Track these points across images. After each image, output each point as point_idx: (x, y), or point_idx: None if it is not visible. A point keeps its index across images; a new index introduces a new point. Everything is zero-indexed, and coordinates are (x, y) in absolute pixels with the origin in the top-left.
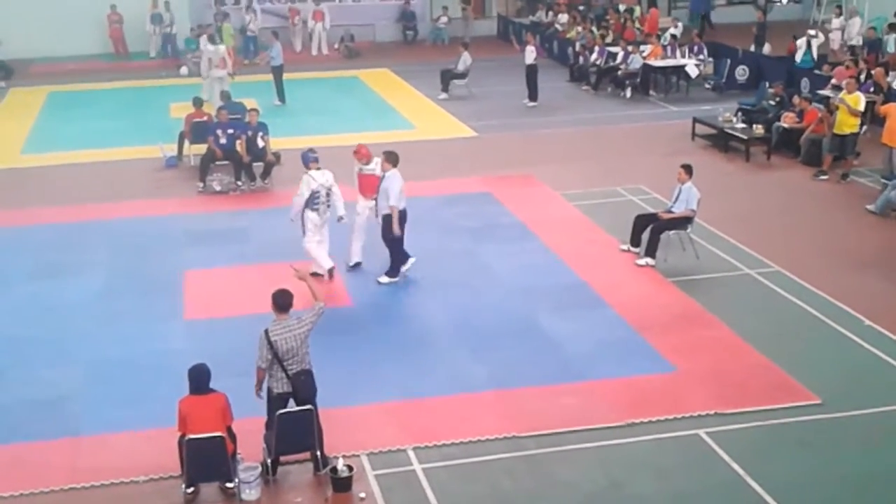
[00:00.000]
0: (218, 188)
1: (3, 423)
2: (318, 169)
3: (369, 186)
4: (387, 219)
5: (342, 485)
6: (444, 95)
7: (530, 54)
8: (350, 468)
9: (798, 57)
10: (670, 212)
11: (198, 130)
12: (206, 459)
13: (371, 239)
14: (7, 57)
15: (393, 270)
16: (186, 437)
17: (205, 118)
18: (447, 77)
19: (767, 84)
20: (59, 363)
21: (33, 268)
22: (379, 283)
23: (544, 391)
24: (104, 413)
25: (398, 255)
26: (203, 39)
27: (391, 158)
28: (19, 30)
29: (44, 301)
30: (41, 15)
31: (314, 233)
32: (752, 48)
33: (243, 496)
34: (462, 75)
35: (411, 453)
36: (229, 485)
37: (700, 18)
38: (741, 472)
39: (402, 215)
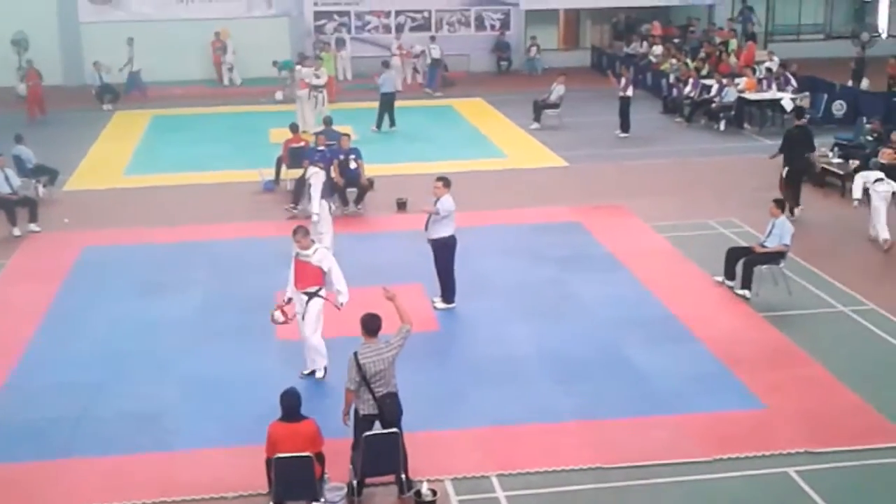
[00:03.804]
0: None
1: (102, 435)
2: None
3: (306, 276)
4: (436, 243)
5: None
6: (536, 125)
7: (625, 85)
8: (434, 492)
9: None
10: (763, 246)
11: (295, 155)
12: (294, 478)
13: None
14: (113, 81)
15: (448, 295)
16: (275, 456)
17: (302, 143)
18: (539, 107)
19: (865, 119)
20: (156, 379)
21: (134, 285)
22: (435, 308)
23: (631, 423)
24: (197, 429)
25: (450, 280)
26: (298, 66)
27: (446, 184)
28: (126, 54)
29: (144, 318)
30: (146, 41)
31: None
32: (850, 83)
33: None
34: (554, 105)
35: (495, 480)
36: None
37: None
38: None
39: (452, 242)
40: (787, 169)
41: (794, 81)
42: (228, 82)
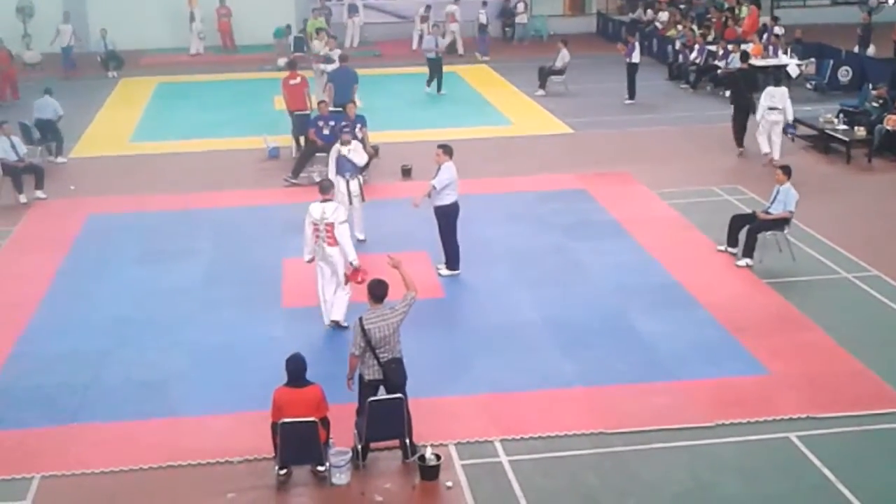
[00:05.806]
0: (318, 179)
1: (109, 401)
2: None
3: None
4: (438, 211)
5: (430, 473)
6: (541, 92)
7: (634, 52)
8: (438, 457)
9: None
10: (768, 212)
11: (300, 123)
12: (299, 442)
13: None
14: (119, 48)
15: (452, 262)
16: (281, 421)
17: (298, 80)
18: (545, 73)
19: (871, 86)
20: (163, 346)
21: (140, 253)
22: (439, 275)
23: (633, 389)
24: (203, 395)
25: (453, 248)
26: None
27: (448, 151)
28: (131, 21)
29: (150, 285)
30: (153, 7)
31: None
32: (856, 49)
33: (334, 480)
34: (560, 72)
35: (498, 445)
36: (320, 468)
37: None
38: (832, 477)
39: (454, 209)
40: (733, 108)
41: (777, 30)
42: (195, 51)
